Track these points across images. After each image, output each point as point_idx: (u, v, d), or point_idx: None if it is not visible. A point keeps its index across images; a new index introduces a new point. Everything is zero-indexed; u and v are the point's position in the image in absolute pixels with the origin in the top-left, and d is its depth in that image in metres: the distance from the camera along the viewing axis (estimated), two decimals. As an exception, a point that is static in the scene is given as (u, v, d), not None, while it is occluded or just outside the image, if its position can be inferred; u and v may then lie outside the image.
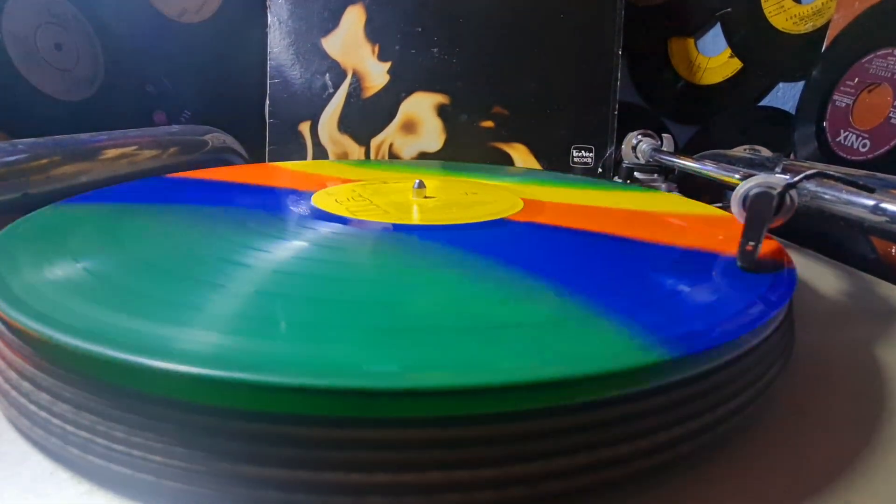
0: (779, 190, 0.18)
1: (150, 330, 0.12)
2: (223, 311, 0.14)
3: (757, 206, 0.18)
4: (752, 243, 0.18)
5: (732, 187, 0.20)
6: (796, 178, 0.19)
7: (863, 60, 0.40)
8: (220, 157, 0.40)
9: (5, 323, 0.14)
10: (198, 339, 0.12)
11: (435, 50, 0.45)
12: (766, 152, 0.43)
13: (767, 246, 0.19)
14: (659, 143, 0.40)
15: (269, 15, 0.44)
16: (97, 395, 0.12)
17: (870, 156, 0.38)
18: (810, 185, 0.27)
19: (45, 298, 0.14)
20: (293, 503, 0.11)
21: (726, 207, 0.26)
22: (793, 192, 0.19)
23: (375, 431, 0.11)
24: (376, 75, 0.45)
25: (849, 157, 0.39)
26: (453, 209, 0.24)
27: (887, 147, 0.37)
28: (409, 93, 0.45)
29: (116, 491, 0.12)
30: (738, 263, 0.18)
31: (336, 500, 0.11)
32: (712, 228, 0.24)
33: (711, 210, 0.27)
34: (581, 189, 0.32)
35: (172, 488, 0.11)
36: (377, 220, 0.22)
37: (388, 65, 0.45)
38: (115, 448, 0.12)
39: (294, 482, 0.11)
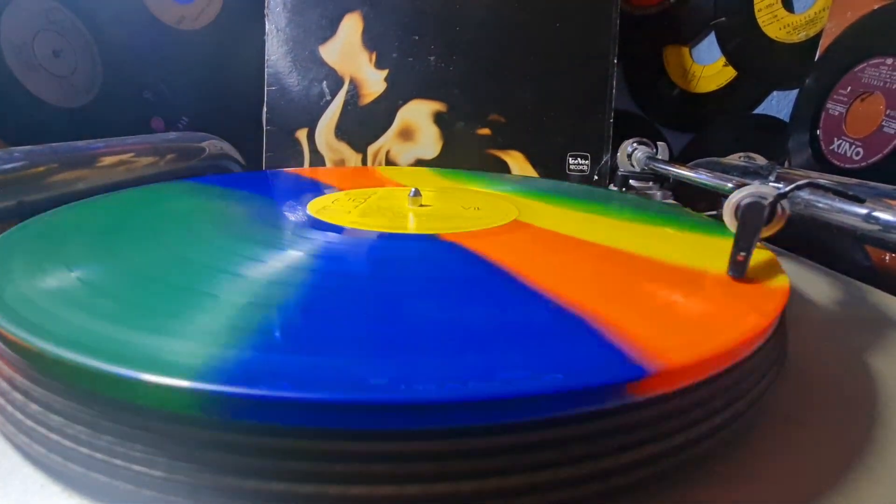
0: (770, 200, 0.19)
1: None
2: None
3: (748, 216, 0.19)
4: (742, 253, 0.18)
5: (727, 196, 0.20)
6: (787, 189, 0.19)
7: (855, 69, 0.40)
8: (218, 164, 0.40)
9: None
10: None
11: (432, 58, 0.45)
12: (760, 160, 0.43)
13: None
14: (654, 150, 0.40)
15: (266, 22, 0.45)
16: (87, 406, 0.12)
17: (863, 164, 0.38)
18: (804, 194, 0.27)
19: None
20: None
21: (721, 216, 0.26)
22: (784, 203, 0.19)
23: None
24: (373, 83, 0.45)
25: (842, 164, 0.40)
26: (421, 219, 0.24)
27: (880, 155, 0.37)
28: (406, 100, 0.45)
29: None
30: (729, 273, 0.18)
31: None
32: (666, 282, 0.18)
33: (703, 257, 0.20)
34: (592, 212, 0.29)
35: (168, 502, 0.11)
36: (338, 223, 0.23)
37: (385, 72, 0.45)
38: (108, 461, 0.12)
39: (294, 496, 0.11)
